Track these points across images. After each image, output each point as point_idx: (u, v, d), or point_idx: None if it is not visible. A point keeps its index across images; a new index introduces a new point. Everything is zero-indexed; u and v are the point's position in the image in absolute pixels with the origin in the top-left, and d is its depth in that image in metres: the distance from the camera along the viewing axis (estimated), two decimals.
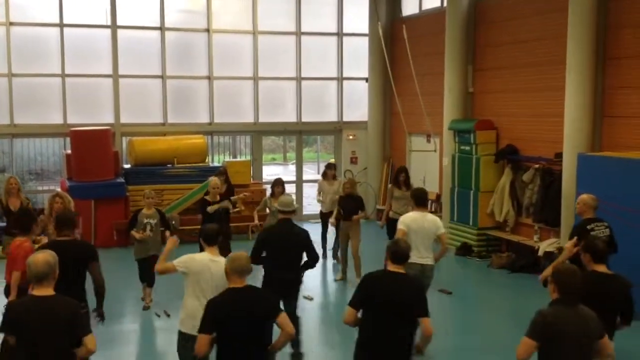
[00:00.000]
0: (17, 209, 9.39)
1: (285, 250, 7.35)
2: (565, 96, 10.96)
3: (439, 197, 14.81)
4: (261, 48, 16.52)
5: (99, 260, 6.45)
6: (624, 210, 9.09)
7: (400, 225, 7.81)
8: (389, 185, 11.70)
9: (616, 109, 10.71)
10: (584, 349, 4.62)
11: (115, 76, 15.29)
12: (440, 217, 14.36)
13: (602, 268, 5.62)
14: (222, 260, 5.90)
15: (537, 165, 12.01)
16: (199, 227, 11.05)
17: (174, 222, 10.57)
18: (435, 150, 14.52)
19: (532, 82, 12.34)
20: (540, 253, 11.54)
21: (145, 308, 9.88)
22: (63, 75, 15.05)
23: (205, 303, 5.18)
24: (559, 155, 11.26)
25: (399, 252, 5.36)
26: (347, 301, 5.39)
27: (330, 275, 11.96)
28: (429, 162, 14.81)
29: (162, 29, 15.69)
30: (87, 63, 15.25)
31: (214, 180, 10.80)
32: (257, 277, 7.42)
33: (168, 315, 9.44)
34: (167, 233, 9.71)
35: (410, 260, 7.53)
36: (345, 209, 11.24)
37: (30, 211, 8.36)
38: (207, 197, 10.65)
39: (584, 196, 7.77)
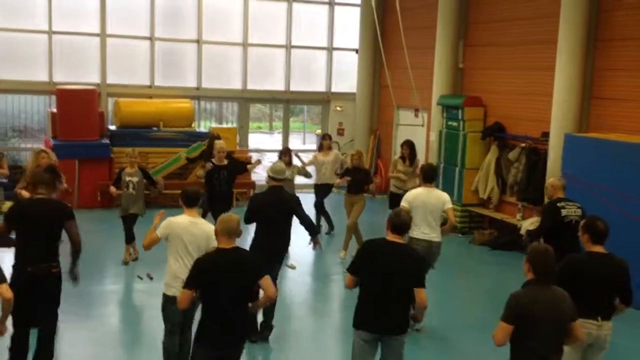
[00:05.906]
0: None
1: (275, 217, 7.33)
2: (554, 76, 10.95)
3: None
4: (251, 14, 16.32)
5: (75, 219, 6.24)
6: (608, 192, 9.15)
7: (402, 202, 7.90)
8: (394, 158, 11.51)
9: (604, 91, 10.73)
10: (557, 330, 4.61)
11: (102, 35, 15.08)
12: None
13: (599, 249, 5.43)
14: (201, 221, 6.08)
15: (523, 144, 12.03)
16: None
17: (158, 186, 10.52)
18: (422, 125, 14.50)
19: (522, 60, 12.31)
20: (522, 231, 11.58)
21: (125, 263, 10.10)
22: (50, 32, 14.78)
23: (187, 264, 5.44)
24: (546, 135, 11.29)
25: (399, 222, 5.41)
26: (333, 271, 5.42)
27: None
28: (416, 136, 14.73)
29: None
30: (74, 21, 14.99)
31: (219, 143, 10.32)
32: (246, 240, 7.44)
33: (151, 279, 9.42)
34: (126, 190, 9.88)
35: (414, 236, 7.73)
36: (354, 181, 10.77)
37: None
38: (214, 161, 10.10)
39: (551, 179, 7.94)
